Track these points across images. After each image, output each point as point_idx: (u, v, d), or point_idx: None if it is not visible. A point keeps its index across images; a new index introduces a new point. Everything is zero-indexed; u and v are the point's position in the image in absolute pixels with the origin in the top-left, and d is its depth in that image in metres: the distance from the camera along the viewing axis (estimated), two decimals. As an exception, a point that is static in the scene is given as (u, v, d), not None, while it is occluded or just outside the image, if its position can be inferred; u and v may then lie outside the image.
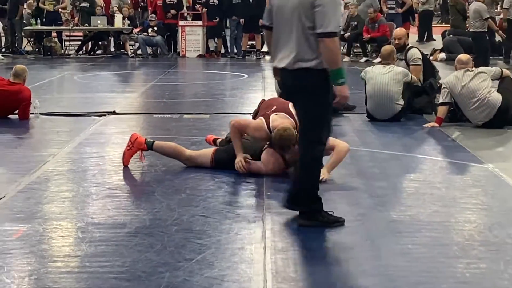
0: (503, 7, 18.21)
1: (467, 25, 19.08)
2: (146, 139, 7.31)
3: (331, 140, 6.37)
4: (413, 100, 10.13)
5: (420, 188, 6.70)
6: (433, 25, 25.83)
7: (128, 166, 7.29)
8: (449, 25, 22.39)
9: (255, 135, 7.04)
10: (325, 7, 5.19)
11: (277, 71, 5.55)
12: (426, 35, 24.46)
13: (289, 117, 6.89)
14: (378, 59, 14.40)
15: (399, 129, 9.59)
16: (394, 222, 5.64)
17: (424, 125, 9.64)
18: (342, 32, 19.52)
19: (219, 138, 7.81)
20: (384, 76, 9.90)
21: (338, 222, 5.50)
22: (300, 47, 5.29)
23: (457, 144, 8.66)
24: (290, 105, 6.74)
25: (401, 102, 9.86)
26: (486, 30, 17.29)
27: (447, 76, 10.14)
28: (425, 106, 10.53)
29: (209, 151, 7.32)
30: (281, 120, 6.88)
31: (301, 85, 5.34)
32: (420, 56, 10.71)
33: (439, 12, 32.66)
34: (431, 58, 15.88)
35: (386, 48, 10.62)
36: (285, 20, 5.36)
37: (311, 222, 5.46)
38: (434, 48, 19.75)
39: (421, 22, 24.73)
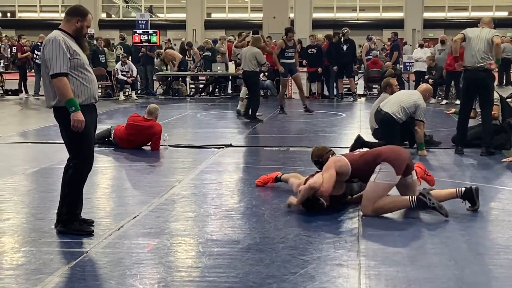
0: None
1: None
2: (278, 173, 7.77)
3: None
4: (492, 138, 9.94)
5: (499, 215, 6.51)
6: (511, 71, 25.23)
7: (253, 189, 7.58)
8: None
9: None
10: (45, 54, 5.47)
11: None
12: (505, 80, 23.89)
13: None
14: (458, 101, 14.21)
15: (480, 163, 9.37)
16: (476, 245, 5.49)
17: (502, 160, 9.39)
18: (426, 77, 19.26)
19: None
20: None
21: None
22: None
23: (533, 177, 8.39)
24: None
25: None
26: None
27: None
28: (504, 143, 10.35)
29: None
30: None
31: None
32: (498, 97, 10.66)
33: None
34: (509, 100, 15.48)
35: None
36: None
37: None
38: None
39: (500, 68, 24.17)
